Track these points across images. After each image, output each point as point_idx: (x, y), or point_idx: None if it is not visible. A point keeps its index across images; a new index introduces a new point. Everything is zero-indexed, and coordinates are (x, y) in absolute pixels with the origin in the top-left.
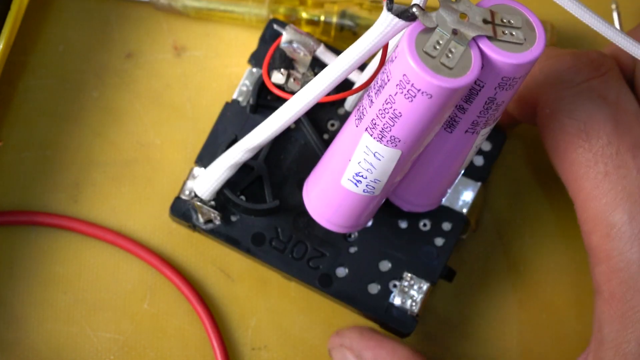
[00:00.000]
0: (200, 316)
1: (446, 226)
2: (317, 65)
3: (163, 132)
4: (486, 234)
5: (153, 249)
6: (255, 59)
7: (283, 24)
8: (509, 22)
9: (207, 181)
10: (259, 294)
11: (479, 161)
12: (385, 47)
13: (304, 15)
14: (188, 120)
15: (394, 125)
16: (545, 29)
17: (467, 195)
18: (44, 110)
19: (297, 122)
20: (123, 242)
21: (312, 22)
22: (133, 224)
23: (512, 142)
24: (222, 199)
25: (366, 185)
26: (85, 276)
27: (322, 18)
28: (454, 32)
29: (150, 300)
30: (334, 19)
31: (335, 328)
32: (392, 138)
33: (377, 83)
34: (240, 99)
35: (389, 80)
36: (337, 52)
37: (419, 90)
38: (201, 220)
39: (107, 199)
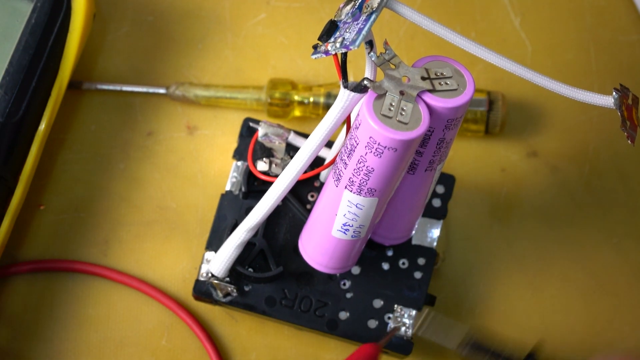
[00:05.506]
0: (208, 352)
1: (421, 261)
2: (291, 149)
3: (178, 197)
4: (454, 262)
5: (170, 294)
6: (239, 154)
7: (256, 121)
8: (441, 74)
9: (220, 261)
10: (258, 333)
11: (437, 203)
12: (348, 118)
13: (296, 97)
14: (199, 187)
15: (368, 179)
16: (497, 99)
17: (433, 233)
18: (79, 179)
19: (284, 199)
20: (145, 288)
21: (303, 103)
22: (153, 274)
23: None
24: (234, 274)
25: (353, 232)
26: (113, 317)
27: (311, 99)
28: (401, 93)
29: (168, 337)
30: (322, 100)
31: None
32: (369, 189)
33: (347, 148)
34: (232, 189)
35: (357, 144)
36: (305, 135)
37: (385, 147)
38: (220, 295)
39: (131, 253)
